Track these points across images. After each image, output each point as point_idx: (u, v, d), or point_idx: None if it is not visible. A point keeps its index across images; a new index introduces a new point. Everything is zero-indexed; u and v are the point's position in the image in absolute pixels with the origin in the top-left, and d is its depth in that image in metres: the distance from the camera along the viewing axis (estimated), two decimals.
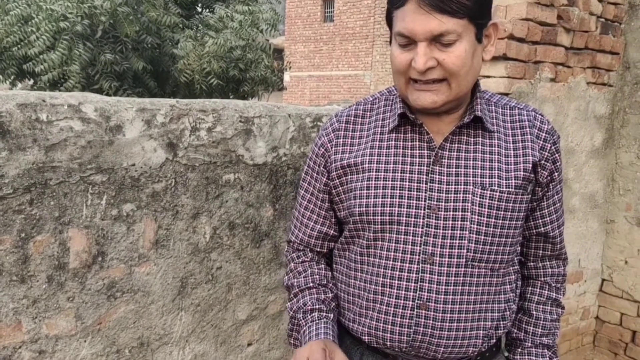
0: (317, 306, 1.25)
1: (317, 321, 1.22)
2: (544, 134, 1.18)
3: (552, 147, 1.18)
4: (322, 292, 1.27)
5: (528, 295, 1.30)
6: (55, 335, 1.38)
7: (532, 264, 1.30)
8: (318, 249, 1.32)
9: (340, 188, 1.22)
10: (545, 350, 1.28)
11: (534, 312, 1.28)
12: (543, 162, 1.17)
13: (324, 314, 1.24)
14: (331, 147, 1.23)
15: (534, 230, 1.25)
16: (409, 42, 1.05)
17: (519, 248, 1.25)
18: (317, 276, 1.29)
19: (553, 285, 1.29)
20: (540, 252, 1.28)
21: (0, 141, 1.23)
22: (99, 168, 1.38)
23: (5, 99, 1.24)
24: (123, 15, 6.40)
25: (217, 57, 6.90)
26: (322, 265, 1.32)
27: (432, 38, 1.02)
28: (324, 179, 1.25)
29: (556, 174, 1.20)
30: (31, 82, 7.35)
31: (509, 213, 1.13)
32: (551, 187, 1.21)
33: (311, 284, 1.28)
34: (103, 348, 1.47)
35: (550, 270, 1.29)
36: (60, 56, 6.17)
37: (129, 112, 1.42)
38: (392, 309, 1.15)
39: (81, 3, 6.27)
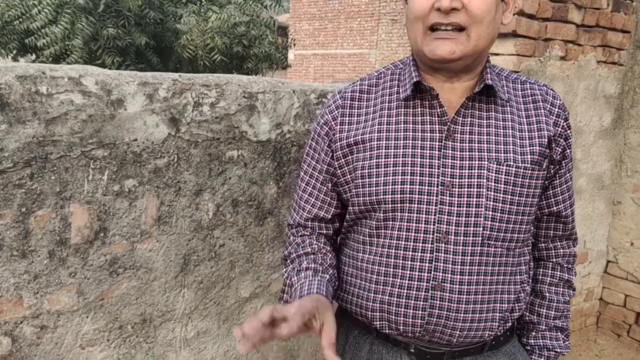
0: (312, 265, 1.16)
1: (310, 279, 1.12)
2: (556, 109, 1.14)
3: (565, 123, 1.15)
4: (319, 257, 1.19)
5: (540, 277, 1.26)
6: (57, 310, 1.37)
7: (543, 244, 1.26)
8: (317, 231, 1.26)
9: (346, 168, 1.16)
10: (559, 333, 1.25)
11: (547, 294, 1.25)
12: (557, 137, 1.13)
13: (320, 274, 1.15)
14: (335, 125, 1.17)
15: (546, 210, 1.21)
16: None
17: (533, 228, 1.21)
18: (315, 245, 1.22)
19: (565, 266, 1.26)
20: (552, 232, 1.25)
21: None
22: (100, 143, 1.36)
23: (5, 71, 1.21)
24: None
25: (220, 33, 6.81)
26: (322, 239, 1.25)
27: None
28: (328, 159, 1.19)
29: (568, 151, 1.17)
30: (33, 56, 7.29)
31: (525, 189, 1.09)
32: (563, 164, 1.17)
33: (309, 250, 1.21)
34: (105, 324, 1.46)
35: (562, 250, 1.26)
36: (62, 30, 6.10)
37: (130, 85, 1.39)
38: (406, 290, 1.09)
39: None
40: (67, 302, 1.38)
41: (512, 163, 1.08)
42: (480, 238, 1.07)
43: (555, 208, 1.21)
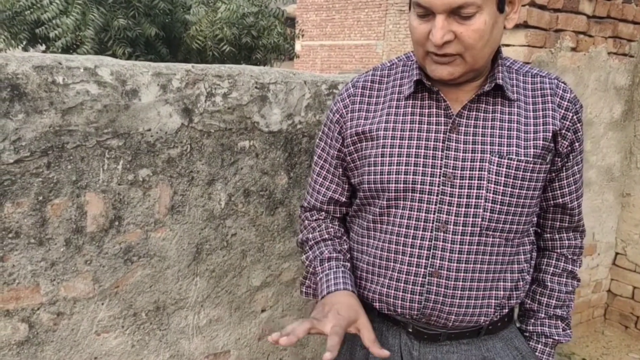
0: (334, 255, 1.23)
1: (335, 270, 1.20)
2: (565, 103, 1.15)
3: (574, 117, 1.15)
4: (337, 244, 1.26)
5: (543, 267, 1.28)
6: (73, 297, 1.40)
7: (548, 235, 1.28)
8: (332, 214, 1.31)
9: (355, 155, 1.20)
10: (559, 322, 1.27)
11: (549, 284, 1.27)
12: (564, 131, 1.14)
13: (342, 262, 1.22)
14: (346, 113, 1.21)
15: (552, 202, 1.23)
16: (426, 13, 1.02)
17: (535, 219, 1.23)
18: (332, 229, 1.28)
19: (569, 257, 1.28)
20: (558, 223, 1.26)
21: (17, 103, 1.22)
22: (115, 132, 1.38)
23: (22, 61, 1.23)
24: None
25: (229, 24, 6.81)
26: (337, 223, 1.31)
27: (450, 11, 0.99)
28: (338, 145, 1.23)
29: (577, 144, 1.18)
30: (43, 47, 7.32)
31: (527, 183, 1.11)
32: (571, 157, 1.18)
33: (326, 236, 1.27)
34: (120, 311, 1.49)
35: (567, 242, 1.27)
36: (74, 21, 6.11)
37: (144, 76, 1.41)
38: (404, 275, 1.14)
39: None
40: (83, 289, 1.41)
41: (514, 157, 1.10)
42: (478, 228, 1.11)
43: (561, 200, 1.22)
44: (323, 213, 1.31)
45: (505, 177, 1.10)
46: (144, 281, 1.51)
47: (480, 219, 1.10)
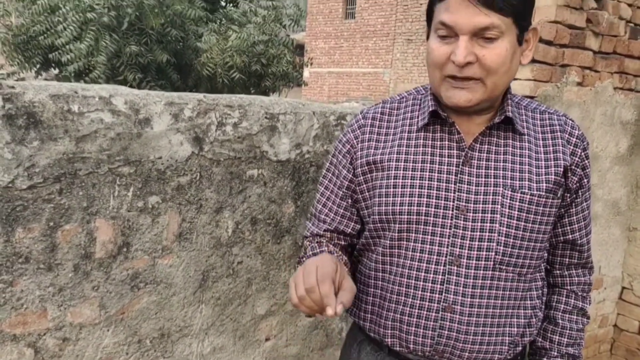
0: (330, 243, 1.24)
1: (325, 245, 1.22)
2: (574, 139, 1.16)
3: (583, 153, 1.17)
4: (335, 251, 1.24)
5: (554, 304, 1.27)
6: (80, 323, 1.40)
7: (558, 272, 1.28)
8: (335, 240, 1.28)
9: (365, 185, 1.20)
10: None
11: (560, 321, 1.25)
12: (573, 167, 1.15)
13: (333, 247, 1.23)
14: (357, 144, 1.21)
15: (562, 238, 1.23)
16: (449, 34, 1.04)
17: (546, 254, 1.23)
18: (332, 248, 1.24)
19: (579, 294, 1.27)
20: (567, 260, 1.26)
21: (32, 131, 1.25)
22: (126, 160, 1.40)
23: (39, 90, 1.26)
24: (149, 8, 6.46)
25: (239, 52, 6.92)
26: (339, 247, 1.27)
27: (475, 32, 1.01)
28: (350, 176, 1.22)
29: (585, 180, 1.19)
30: (56, 71, 7.44)
31: (539, 217, 1.11)
32: (580, 193, 1.19)
33: (325, 249, 1.23)
34: (125, 337, 1.49)
35: (576, 278, 1.27)
36: (87, 47, 6.24)
37: (157, 105, 1.44)
38: (417, 310, 1.13)
39: None
40: (89, 315, 1.42)
41: (526, 190, 1.10)
42: (492, 263, 1.10)
43: (570, 236, 1.23)
44: (326, 238, 1.28)
45: (518, 211, 1.10)
46: (149, 308, 1.52)
47: (493, 253, 1.10)
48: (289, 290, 1.01)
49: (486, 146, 1.13)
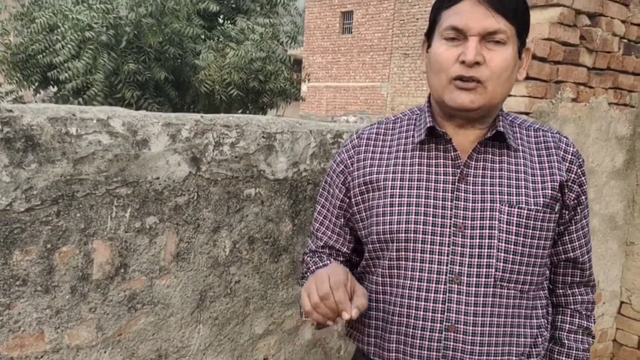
0: (331, 258, 1.27)
1: (327, 258, 1.26)
2: (569, 156, 1.17)
3: (579, 170, 1.18)
4: (340, 262, 1.29)
5: (559, 324, 1.26)
6: (77, 345, 1.40)
7: (561, 291, 1.27)
8: (334, 257, 1.30)
9: (362, 205, 1.20)
10: None
11: (566, 342, 1.24)
12: (570, 183, 1.16)
13: (335, 261, 1.26)
14: (351, 164, 1.22)
15: (563, 256, 1.23)
16: (457, 37, 1.07)
17: (548, 272, 1.22)
18: (333, 262, 1.26)
19: (584, 313, 1.26)
20: (569, 278, 1.25)
21: (30, 153, 1.26)
22: (124, 181, 1.41)
23: (37, 112, 1.27)
24: (147, 26, 6.50)
25: (237, 69, 6.96)
26: (339, 261, 1.30)
27: (484, 35, 1.05)
28: (341, 195, 1.23)
29: (583, 197, 1.19)
30: (55, 89, 7.47)
31: (537, 232, 1.11)
32: (579, 210, 1.20)
33: (328, 262, 1.26)
34: (122, 359, 1.48)
35: (579, 297, 1.26)
36: (85, 65, 6.27)
37: (155, 126, 1.45)
38: (419, 331, 1.12)
39: (107, 14, 6.38)
40: (86, 337, 1.41)
41: (523, 205, 1.11)
42: (492, 279, 1.10)
43: (572, 254, 1.22)
44: (325, 254, 1.30)
45: (516, 226, 1.10)
46: (146, 329, 1.51)
47: (493, 270, 1.09)
48: (301, 301, 1.03)
49: (481, 163, 1.14)
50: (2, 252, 1.25)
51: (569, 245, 1.22)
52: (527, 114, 2.48)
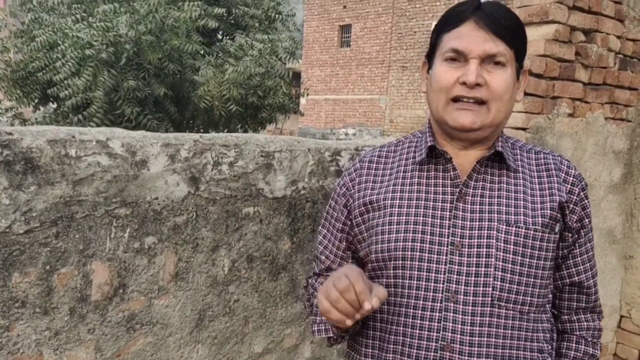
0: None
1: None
2: (571, 178, 1.18)
3: (581, 193, 1.18)
4: None
5: (564, 351, 1.24)
6: None
7: (566, 317, 1.25)
8: None
9: (363, 226, 1.21)
10: None
11: None
12: (571, 205, 1.16)
13: None
14: (353, 186, 1.23)
15: (567, 280, 1.22)
16: (458, 58, 1.10)
17: (550, 295, 1.21)
18: None
19: (589, 339, 1.24)
20: (575, 304, 1.24)
21: (30, 176, 1.26)
22: (123, 202, 1.42)
23: (36, 135, 1.28)
24: (147, 43, 6.55)
25: (236, 84, 7.01)
26: None
27: (484, 57, 1.08)
28: (343, 218, 1.25)
29: (586, 220, 1.19)
30: (54, 105, 7.50)
31: (536, 252, 1.11)
32: (582, 233, 1.19)
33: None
34: None
35: (585, 324, 1.24)
36: (84, 82, 6.31)
37: (154, 147, 1.46)
38: (415, 351, 1.11)
39: (106, 31, 6.43)
40: (85, 359, 1.41)
41: (522, 225, 1.11)
42: (489, 298, 1.09)
43: (576, 278, 1.21)
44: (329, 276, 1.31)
45: (514, 245, 1.10)
46: (145, 349, 1.51)
47: (491, 289, 1.08)
48: (318, 302, 1.03)
49: (480, 183, 1.15)
50: (2, 274, 1.25)
51: (574, 269, 1.21)
52: (524, 129, 2.50)
